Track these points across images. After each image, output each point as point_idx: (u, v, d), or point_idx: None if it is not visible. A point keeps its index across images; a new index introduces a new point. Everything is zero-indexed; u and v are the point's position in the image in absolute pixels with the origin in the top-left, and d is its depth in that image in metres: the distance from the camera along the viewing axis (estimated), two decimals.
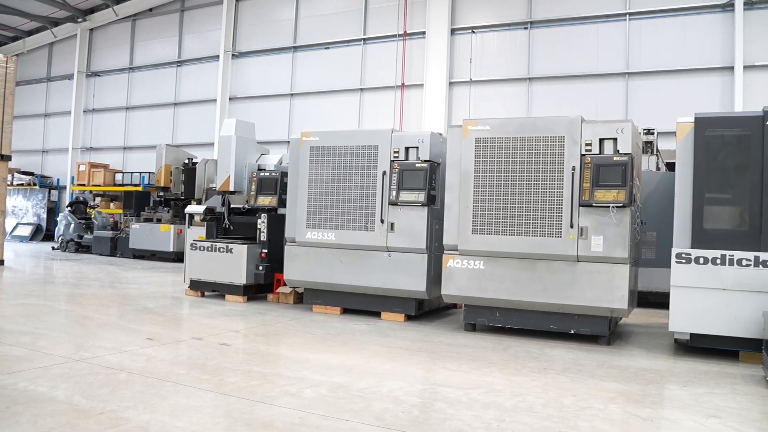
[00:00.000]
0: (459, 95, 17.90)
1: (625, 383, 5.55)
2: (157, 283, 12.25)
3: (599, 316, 7.25)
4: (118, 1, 24.51)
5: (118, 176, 22.09)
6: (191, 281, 10.28)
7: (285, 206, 9.50)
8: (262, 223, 9.90)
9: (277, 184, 9.75)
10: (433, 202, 8.30)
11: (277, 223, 9.84)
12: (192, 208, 11.12)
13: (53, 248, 20.32)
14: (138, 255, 17.94)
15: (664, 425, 4.50)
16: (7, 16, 25.28)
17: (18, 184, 25.30)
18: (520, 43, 17.28)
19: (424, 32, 18.31)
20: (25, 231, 24.70)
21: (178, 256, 16.68)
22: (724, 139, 6.69)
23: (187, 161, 17.77)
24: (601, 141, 7.17)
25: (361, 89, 19.42)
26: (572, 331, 7.41)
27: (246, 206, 10.45)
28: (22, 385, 4.77)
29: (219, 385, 5.02)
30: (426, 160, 8.26)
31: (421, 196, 8.15)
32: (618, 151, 7.07)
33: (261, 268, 9.79)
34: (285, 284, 9.58)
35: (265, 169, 10.14)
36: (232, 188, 10.07)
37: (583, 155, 7.17)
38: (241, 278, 9.70)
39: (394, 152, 8.44)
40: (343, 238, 8.68)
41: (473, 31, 17.85)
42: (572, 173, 7.18)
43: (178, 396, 4.68)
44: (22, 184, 25.48)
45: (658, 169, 11.58)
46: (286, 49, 20.90)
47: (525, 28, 17.22)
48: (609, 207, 6.98)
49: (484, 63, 17.71)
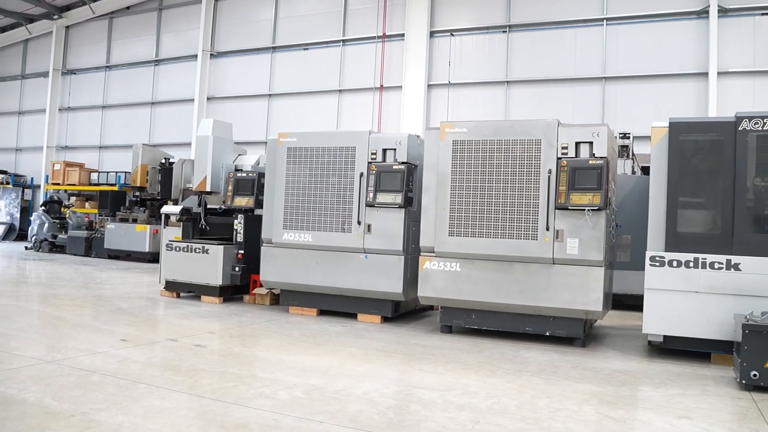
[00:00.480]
0: (437, 98, 17.94)
1: (599, 385, 5.60)
2: (132, 283, 12.13)
3: (574, 319, 7.30)
4: None
5: (94, 176, 21.83)
6: (167, 282, 10.20)
7: (262, 207, 9.46)
8: (239, 223, 9.86)
9: (254, 184, 9.70)
10: (410, 204, 8.31)
11: (254, 223, 9.80)
12: (168, 209, 11.03)
13: (26, 248, 20.04)
14: (113, 255, 17.75)
15: (636, 426, 4.55)
16: None
17: None
18: (498, 46, 17.35)
19: (403, 34, 18.32)
20: None
21: (153, 257, 16.54)
22: (697, 144, 6.78)
23: (163, 161, 17.61)
24: (578, 144, 7.22)
25: (340, 91, 19.39)
26: (547, 333, 7.45)
27: (223, 207, 10.40)
28: None
29: (193, 387, 4.98)
30: (403, 162, 8.27)
31: (398, 198, 8.16)
32: (594, 154, 7.13)
33: (237, 269, 9.74)
34: (261, 285, 9.54)
35: (242, 170, 10.09)
36: (208, 189, 9.99)
37: (560, 158, 7.22)
38: (217, 279, 9.64)
39: (372, 154, 8.44)
40: (320, 240, 8.66)
41: (452, 34, 17.89)
42: (548, 176, 7.23)
43: (152, 398, 4.64)
44: None
45: (633, 172, 11.69)
46: (264, 50, 20.80)
47: (503, 32, 17.29)
48: (584, 210, 7.03)
49: (462, 66, 17.76)
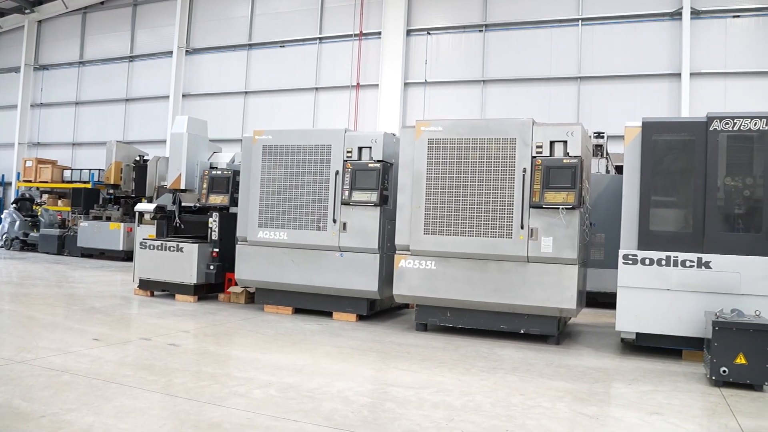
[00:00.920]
0: (414, 96, 17.96)
1: (572, 382, 5.65)
2: (105, 282, 12.00)
3: (549, 316, 7.36)
4: None
5: (67, 173, 21.51)
6: (140, 280, 10.10)
7: (237, 205, 9.40)
8: (214, 221, 9.79)
9: (229, 182, 9.64)
10: (386, 203, 8.31)
11: (229, 222, 9.74)
12: (142, 206, 10.94)
13: None
14: (86, 254, 17.54)
15: (609, 423, 4.59)
16: None
17: None
18: (474, 45, 17.41)
19: (379, 33, 18.32)
20: None
21: (127, 255, 16.35)
22: (670, 144, 6.86)
23: (138, 158, 17.42)
24: (552, 143, 7.27)
25: (316, 88, 19.34)
26: (522, 331, 7.50)
27: (197, 205, 10.33)
28: None
29: (166, 386, 4.94)
30: (379, 161, 8.27)
31: (374, 196, 8.16)
32: (568, 153, 7.18)
33: (212, 268, 9.67)
34: (236, 284, 9.48)
35: (217, 168, 10.02)
36: (183, 186, 9.92)
37: (534, 157, 7.26)
38: (191, 278, 9.57)
39: (347, 152, 8.43)
40: (295, 238, 8.63)
41: (429, 33, 17.92)
42: (523, 175, 7.27)
43: (124, 397, 4.59)
44: None
45: (607, 171, 11.78)
46: (241, 47, 20.67)
47: (480, 31, 17.36)
48: (559, 209, 7.08)
49: (439, 64, 17.80)
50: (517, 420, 4.45)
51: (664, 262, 6.66)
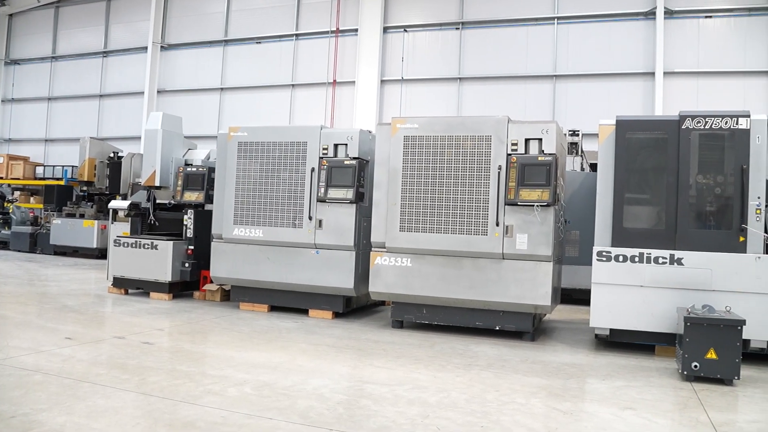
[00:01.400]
0: (390, 93, 17.96)
1: (547, 378, 5.69)
2: (78, 280, 11.85)
3: (524, 313, 7.40)
4: None
5: (39, 169, 21.20)
6: (115, 278, 10.00)
7: (212, 202, 9.34)
8: (189, 219, 9.72)
9: (204, 179, 9.58)
10: (362, 200, 8.31)
11: (204, 219, 9.67)
12: (116, 203, 10.81)
13: None
14: (59, 251, 17.34)
15: (583, 418, 4.63)
16: None
17: None
18: (451, 43, 17.45)
19: (356, 29, 18.28)
20: None
21: (101, 253, 16.18)
22: (643, 142, 6.93)
23: (112, 155, 17.25)
24: (527, 141, 7.32)
25: (293, 85, 19.26)
26: (497, 328, 7.53)
27: (172, 202, 10.24)
28: None
29: (140, 385, 4.90)
30: (355, 158, 8.26)
31: (350, 194, 8.15)
32: (543, 151, 7.23)
33: (187, 265, 9.60)
34: (212, 281, 9.42)
35: (192, 164, 9.95)
36: (157, 183, 9.83)
37: (509, 155, 7.30)
38: (166, 275, 9.49)
39: (323, 149, 8.41)
40: (271, 235, 8.60)
41: (406, 30, 17.93)
42: (498, 172, 7.31)
43: (97, 397, 4.54)
44: None
45: (582, 169, 11.87)
46: (216, 43, 20.52)
47: (456, 29, 17.40)
48: (533, 206, 7.12)
49: (415, 62, 17.82)
50: (492, 416, 4.47)
51: (637, 259, 6.73)
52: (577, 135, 11.54)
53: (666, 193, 6.74)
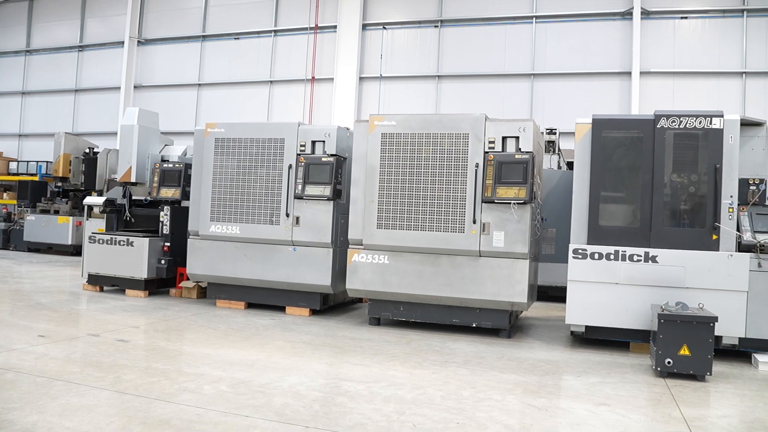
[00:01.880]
0: (369, 90, 17.96)
1: (523, 375, 5.72)
2: (53, 277, 11.71)
3: (500, 310, 7.44)
4: None
5: (13, 165, 20.94)
6: (90, 275, 9.89)
7: (189, 199, 9.27)
8: (165, 215, 9.65)
9: (180, 175, 9.51)
10: (339, 197, 8.30)
11: (181, 215, 9.60)
12: (91, 200, 10.71)
13: None
14: (33, 248, 17.14)
15: (558, 414, 4.66)
16: None
17: None
18: (430, 40, 17.49)
19: (335, 26, 18.26)
20: None
21: (76, 250, 16.03)
22: (618, 141, 6.99)
23: (87, 151, 17.07)
24: (504, 139, 7.34)
25: (271, 82, 19.19)
26: (474, 325, 7.56)
27: (148, 198, 10.16)
28: None
29: (115, 383, 4.85)
30: (332, 155, 8.24)
31: (327, 191, 8.14)
32: (520, 149, 7.26)
33: (163, 262, 9.52)
34: (188, 278, 9.37)
35: (168, 161, 9.87)
36: (133, 179, 9.74)
37: (487, 152, 7.33)
38: (142, 272, 9.40)
39: (301, 146, 8.39)
40: (248, 232, 8.56)
41: (384, 27, 17.93)
42: (476, 170, 7.33)
43: (70, 395, 4.49)
44: None
45: (559, 167, 11.95)
46: (194, 38, 20.37)
47: (435, 27, 17.44)
48: (510, 203, 7.16)
49: (394, 59, 17.83)
50: (468, 413, 4.49)
51: (612, 257, 6.79)
52: (554, 133, 11.62)
53: (641, 191, 6.80)
